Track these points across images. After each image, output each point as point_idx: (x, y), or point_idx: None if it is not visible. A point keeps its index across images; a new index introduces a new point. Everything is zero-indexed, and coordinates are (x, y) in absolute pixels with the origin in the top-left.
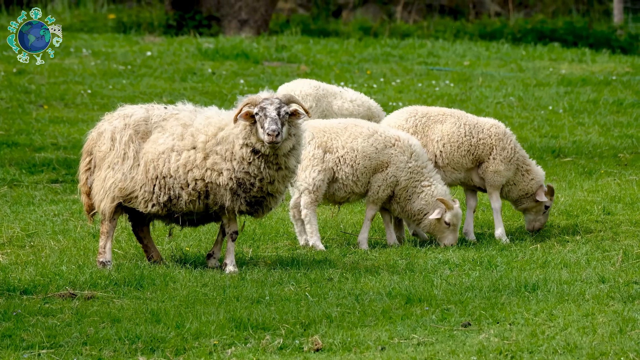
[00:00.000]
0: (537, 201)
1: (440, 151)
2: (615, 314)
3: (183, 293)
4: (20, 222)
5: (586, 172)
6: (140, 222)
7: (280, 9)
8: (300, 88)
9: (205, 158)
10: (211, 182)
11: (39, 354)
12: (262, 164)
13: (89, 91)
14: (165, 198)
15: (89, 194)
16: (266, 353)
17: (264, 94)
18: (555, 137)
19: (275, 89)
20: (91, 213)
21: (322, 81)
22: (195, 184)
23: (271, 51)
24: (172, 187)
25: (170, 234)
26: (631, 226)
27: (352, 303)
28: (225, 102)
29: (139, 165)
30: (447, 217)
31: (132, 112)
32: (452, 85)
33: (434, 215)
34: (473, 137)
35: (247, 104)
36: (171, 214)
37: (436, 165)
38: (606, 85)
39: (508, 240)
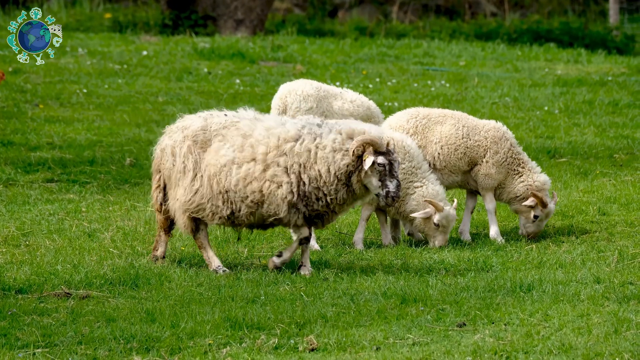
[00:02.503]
0: (527, 206)
1: (438, 153)
2: (611, 315)
3: (178, 292)
4: (15, 221)
5: (582, 173)
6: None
7: (276, 9)
8: (302, 89)
9: (264, 170)
10: (269, 193)
11: (34, 353)
12: (343, 190)
13: (85, 90)
14: (228, 212)
15: (161, 211)
16: (261, 353)
17: (382, 137)
18: (550, 138)
19: (270, 88)
20: (170, 230)
21: (318, 81)
22: (254, 196)
23: (267, 51)
24: (234, 200)
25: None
26: (626, 227)
27: (347, 303)
28: (221, 101)
29: (201, 176)
30: (437, 217)
31: (189, 124)
32: (447, 85)
33: (419, 214)
34: (470, 140)
35: (368, 144)
36: (234, 225)
37: (434, 167)
38: (602, 85)
39: (503, 240)
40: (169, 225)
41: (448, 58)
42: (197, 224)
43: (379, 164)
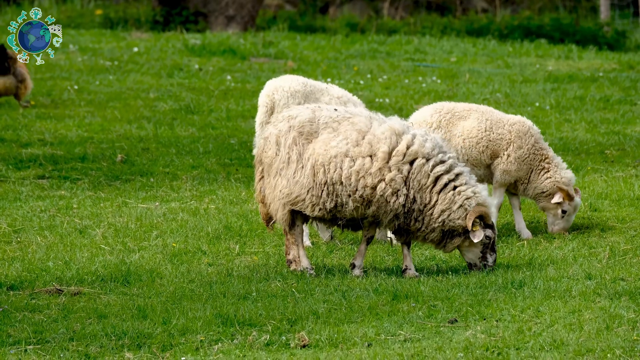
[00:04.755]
0: (555, 203)
1: (461, 147)
2: (602, 311)
3: (170, 289)
4: (6, 217)
5: (573, 169)
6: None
7: (267, 5)
8: (290, 85)
9: (381, 168)
10: (381, 196)
11: (26, 350)
12: (438, 235)
13: (76, 87)
14: (332, 205)
15: (263, 202)
16: (253, 349)
17: (494, 211)
18: (542, 134)
19: (261, 84)
20: (270, 223)
21: (309, 77)
22: (364, 191)
23: (258, 47)
24: (340, 194)
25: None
26: (618, 223)
27: (338, 299)
28: (212, 98)
29: (302, 167)
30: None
31: (297, 114)
32: (439, 81)
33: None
34: (492, 133)
35: (482, 215)
36: (335, 219)
37: None
38: (593, 81)
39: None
40: (271, 217)
41: (439, 54)
42: (294, 218)
43: (486, 237)
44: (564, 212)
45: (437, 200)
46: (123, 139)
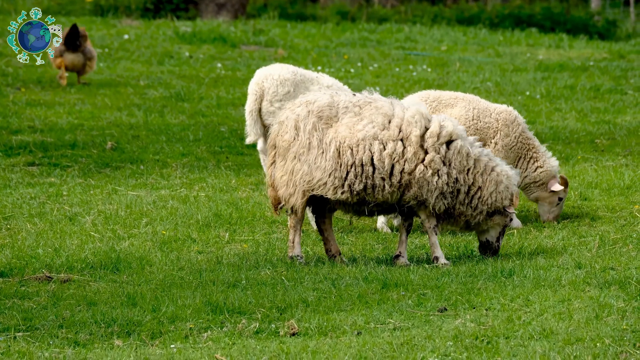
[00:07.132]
0: (552, 191)
1: None
2: (591, 300)
3: (159, 277)
4: None
5: (563, 158)
6: (322, 212)
7: None
8: (279, 73)
9: (416, 152)
10: (421, 177)
11: (15, 337)
12: (483, 218)
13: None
14: (361, 187)
15: (274, 186)
16: (242, 337)
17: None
18: (532, 123)
19: (252, 73)
20: (279, 206)
21: (300, 66)
22: (401, 176)
23: (248, 35)
24: (372, 176)
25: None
26: (607, 212)
27: (328, 287)
28: (203, 85)
29: (323, 152)
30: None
31: (315, 99)
32: (429, 70)
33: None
34: (480, 121)
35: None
36: (361, 202)
37: None
38: (583, 71)
39: None
40: (280, 201)
41: (430, 43)
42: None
43: (511, 219)
44: (560, 199)
45: (482, 182)
46: (113, 126)
